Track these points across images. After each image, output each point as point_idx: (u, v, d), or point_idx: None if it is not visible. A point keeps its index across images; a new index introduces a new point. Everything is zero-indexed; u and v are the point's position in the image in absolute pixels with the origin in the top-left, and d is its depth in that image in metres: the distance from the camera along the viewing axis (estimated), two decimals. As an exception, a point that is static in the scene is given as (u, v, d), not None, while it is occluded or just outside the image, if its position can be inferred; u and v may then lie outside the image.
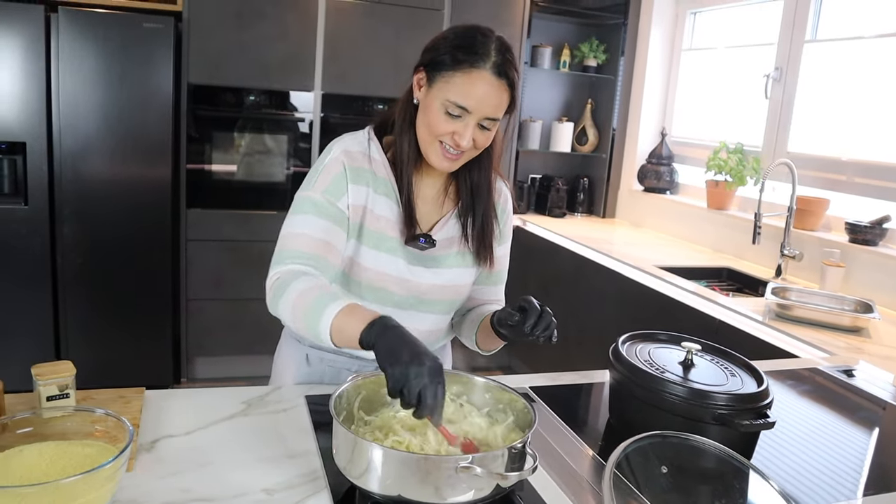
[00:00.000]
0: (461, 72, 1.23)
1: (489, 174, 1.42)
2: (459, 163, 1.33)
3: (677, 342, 1.40)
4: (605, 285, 3.07)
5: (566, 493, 1.09)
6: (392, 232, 1.36)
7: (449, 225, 1.42)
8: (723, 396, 1.19)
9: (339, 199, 1.33)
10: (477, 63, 1.23)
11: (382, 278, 1.36)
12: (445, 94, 1.25)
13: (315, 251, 1.28)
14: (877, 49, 2.82)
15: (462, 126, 1.25)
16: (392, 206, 1.37)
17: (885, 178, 2.71)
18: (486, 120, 1.26)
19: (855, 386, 1.75)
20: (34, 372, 1.18)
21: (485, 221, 1.42)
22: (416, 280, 1.38)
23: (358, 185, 1.34)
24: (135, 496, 0.98)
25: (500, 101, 1.26)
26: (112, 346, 3.30)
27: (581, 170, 4.38)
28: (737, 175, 3.25)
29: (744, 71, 3.47)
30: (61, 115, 3.07)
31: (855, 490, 1.23)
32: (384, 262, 1.36)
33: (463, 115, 1.25)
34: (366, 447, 0.94)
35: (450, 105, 1.24)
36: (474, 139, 1.27)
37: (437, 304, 1.43)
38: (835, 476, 1.26)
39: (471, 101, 1.23)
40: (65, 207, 3.15)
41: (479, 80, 1.23)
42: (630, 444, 1.03)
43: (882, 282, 2.53)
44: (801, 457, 1.32)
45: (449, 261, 1.42)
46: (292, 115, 3.53)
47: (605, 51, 4.14)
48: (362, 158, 1.36)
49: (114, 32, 3.08)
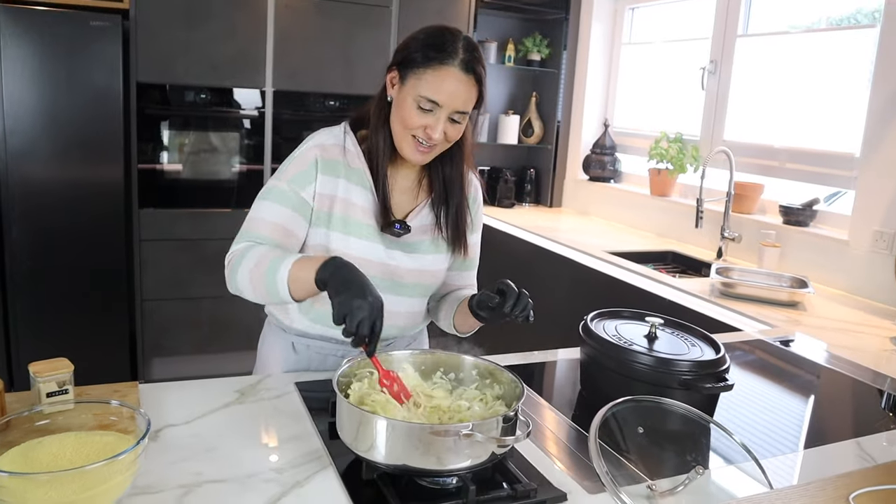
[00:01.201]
0: (431, 69, 1.32)
1: (461, 168, 1.50)
2: (431, 155, 1.41)
3: (640, 318, 1.51)
4: (557, 272, 3.20)
5: (550, 457, 1.19)
6: (367, 219, 1.44)
7: (423, 214, 1.50)
8: (686, 363, 1.31)
9: (303, 189, 1.41)
10: (446, 60, 1.32)
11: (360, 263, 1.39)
12: (417, 90, 1.33)
13: (271, 235, 1.38)
14: (804, 43, 3.03)
15: (433, 120, 1.34)
16: (367, 195, 1.44)
17: (814, 164, 2.91)
18: (455, 113, 1.34)
19: (794, 354, 1.91)
20: (32, 369, 1.21)
21: (458, 212, 1.51)
22: (395, 263, 1.46)
23: (329, 176, 1.42)
24: (150, 481, 1.03)
25: (469, 95, 1.34)
26: (67, 349, 3.20)
27: (528, 161, 4.51)
28: (677, 163, 3.42)
29: (680, 64, 3.65)
30: (6, 116, 3.00)
31: (797, 443, 1.37)
32: (362, 247, 1.43)
33: (434, 109, 1.33)
34: (372, 421, 1.01)
35: (421, 100, 1.33)
36: (445, 132, 1.35)
37: (414, 287, 1.50)
38: (781, 431, 1.40)
39: (441, 95, 1.32)
40: (12, 209, 3.08)
41: (448, 76, 1.31)
42: (609, 408, 1.13)
43: (814, 259, 2.72)
44: (753, 416, 1.45)
45: (424, 247, 1.50)
46: (244, 112, 3.53)
47: (548, 45, 4.27)
48: (337, 151, 1.44)
49: (59, 30, 3.03)
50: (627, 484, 1.09)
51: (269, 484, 1.04)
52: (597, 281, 2.88)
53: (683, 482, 1.08)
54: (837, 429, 1.51)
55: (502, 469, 1.10)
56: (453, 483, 1.06)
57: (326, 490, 1.04)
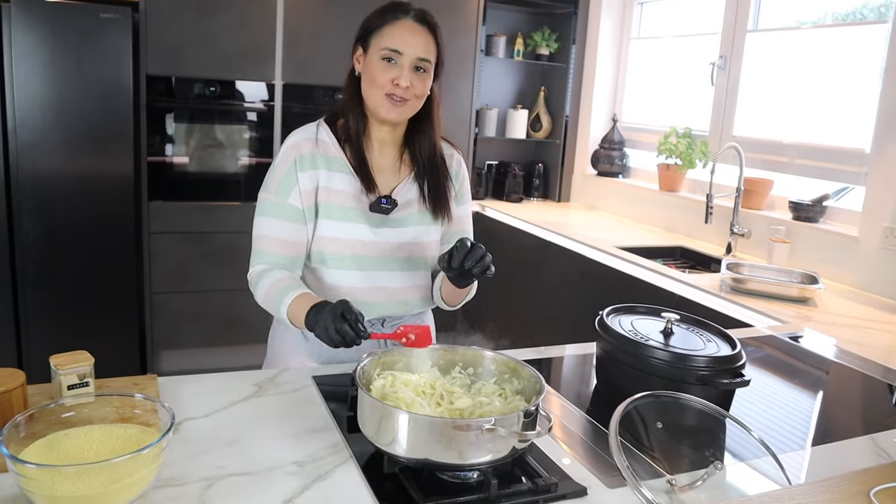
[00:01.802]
0: (387, 24, 1.45)
1: (433, 137, 1.58)
2: (406, 110, 1.48)
3: (656, 313, 1.52)
4: (565, 266, 3.20)
5: (567, 451, 1.19)
6: (353, 202, 1.51)
7: (407, 188, 1.58)
8: (703, 359, 1.31)
9: (289, 195, 1.49)
10: (399, 15, 1.46)
11: (351, 245, 1.52)
12: (379, 46, 1.45)
13: (278, 251, 1.50)
14: (814, 39, 3.02)
15: (398, 70, 1.44)
16: (349, 178, 1.52)
17: (824, 160, 2.90)
18: (419, 61, 1.45)
19: (805, 349, 1.92)
20: (53, 362, 1.21)
21: (437, 180, 1.59)
22: (384, 241, 1.53)
23: (309, 171, 1.50)
24: (174, 474, 1.03)
25: (426, 42, 1.46)
26: (76, 342, 3.19)
27: (536, 156, 4.51)
28: (686, 158, 3.41)
29: (690, 59, 3.64)
30: (16, 108, 3.00)
31: (810, 439, 1.37)
32: (349, 229, 1.51)
33: (397, 58, 1.44)
34: (394, 415, 1.02)
35: (384, 52, 1.44)
36: (413, 83, 1.44)
37: (408, 261, 1.57)
38: (792, 427, 1.40)
39: (400, 43, 1.43)
40: (23, 203, 3.08)
41: (403, 27, 1.45)
42: (629, 403, 1.13)
43: (824, 255, 2.72)
44: (765, 411, 1.46)
45: (411, 220, 1.56)
46: (253, 105, 3.53)
47: (556, 39, 4.27)
48: (310, 145, 1.53)
49: (69, 23, 3.02)
50: (647, 478, 1.09)
51: (292, 477, 1.05)
52: (606, 276, 2.89)
53: (702, 477, 1.08)
54: (849, 425, 1.52)
55: (521, 463, 1.11)
56: (474, 477, 1.06)
57: (348, 483, 1.04)
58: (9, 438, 0.91)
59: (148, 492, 0.96)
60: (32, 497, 0.88)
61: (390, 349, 1.23)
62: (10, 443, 0.91)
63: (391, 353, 1.23)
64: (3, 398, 1.09)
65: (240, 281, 3.71)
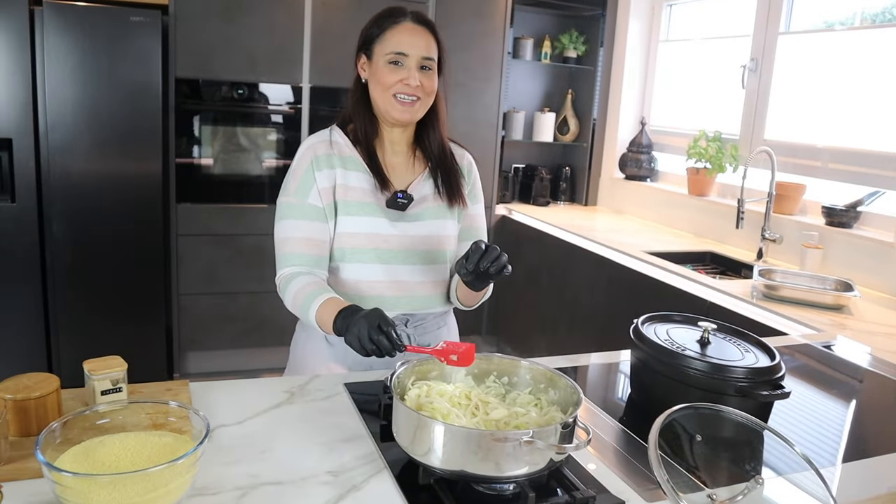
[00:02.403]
0: (388, 30, 1.49)
1: (440, 131, 1.62)
2: (418, 110, 1.52)
3: (692, 322, 1.49)
4: (592, 271, 3.17)
5: (603, 463, 1.17)
6: (369, 198, 1.54)
7: (422, 183, 1.61)
8: (742, 370, 1.28)
9: (308, 195, 1.52)
10: (398, 19, 1.50)
11: (371, 239, 1.53)
12: (383, 51, 1.48)
13: (302, 250, 1.52)
14: (847, 41, 2.96)
15: (406, 71, 1.48)
16: (364, 176, 1.55)
17: (858, 164, 2.84)
18: (424, 60, 1.49)
19: (839, 358, 1.87)
20: (87, 367, 1.22)
21: (448, 173, 1.62)
22: (401, 234, 1.55)
23: (325, 171, 1.53)
24: (207, 483, 1.03)
25: (428, 42, 1.50)
26: (104, 342, 3.29)
27: (563, 159, 4.47)
28: (716, 162, 3.36)
29: (720, 62, 3.59)
30: (48, 111, 3.04)
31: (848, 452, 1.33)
32: (368, 223, 1.53)
33: (402, 60, 1.48)
34: (430, 425, 1.00)
35: (390, 56, 1.48)
36: (421, 82, 1.48)
37: (427, 254, 1.58)
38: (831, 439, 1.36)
39: (403, 45, 1.47)
40: (53, 204, 3.12)
41: (403, 29, 1.49)
42: (668, 415, 1.11)
43: (857, 262, 2.66)
44: (802, 423, 1.42)
45: (427, 214, 1.58)
46: (280, 108, 3.54)
47: (584, 42, 4.23)
48: (325, 146, 1.56)
49: (100, 26, 3.06)
50: (686, 492, 1.06)
51: (326, 487, 1.04)
52: (634, 281, 2.85)
53: (742, 491, 1.05)
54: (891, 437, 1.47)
55: (558, 475, 1.09)
56: (510, 489, 1.05)
57: (383, 494, 1.03)
58: (45, 445, 0.91)
59: (183, 500, 0.95)
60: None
61: (424, 358, 1.22)
62: (46, 449, 0.91)
63: (425, 363, 1.21)
64: (39, 403, 1.09)
65: (266, 283, 3.74)
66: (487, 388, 1.21)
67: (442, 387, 1.16)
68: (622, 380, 1.62)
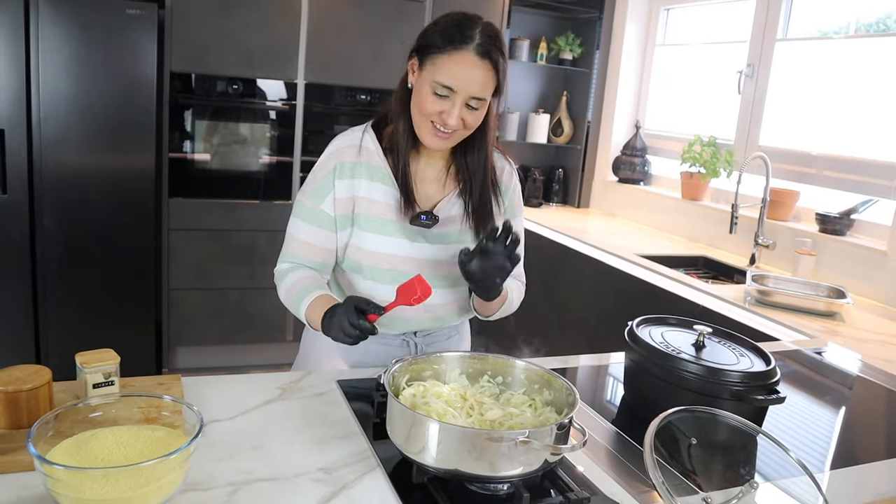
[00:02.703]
0: (447, 53, 1.32)
1: (484, 155, 1.48)
2: (451, 141, 1.40)
3: (687, 326, 1.49)
4: (584, 273, 3.17)
5: (596, 464, 1.17)
6: (392, 215, 1.45)
7: (451, 203, 1.50)
8: (737, 374, 1.28)
9: (322, 202, 1.45)
10: (461, 45, 1.31)
11: (388, 259, 1.45)
12: (433, 75, 1.33)
13: (304, 253, 1.48)
14: (843, 50, 2.97)
15: (449, 105, 1.33)
16: (391, 191, 1.45)
17: (853, 172, 2.86)
18: (472, 99, 1.34)
19: (829, 364, 1.88)
20: (79, 360, 1.20)
21: (482, 200, 1.50)
22: (422, 257, 1.46)
23: (348, 180, 1.45)
24: (199, 478, 1.02)
25: (485, 80, 1.33)
26: (93, 336, 3.26)
27: (556, 161, 4.48)
28: (710, 167, 3.37)
29: (716, 67, 3.60)
30: (41, 102, 3.01)
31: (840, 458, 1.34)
32: (387, 243, 1.45)
33: (449, 94, 1.33)
34: (425, 424, 1.00)
35: (437, 86, 1.33)
36: (463, 119, 1.35)
37: (443, 278, 1.49)
38: (823, 445, 1.37)
39: (455, 81, 1.31)
40: (45, 196, 3.09)
41: (463, 61, 1.31)
42: (663, 418, 1.10)
43: (850, 269, 2.68)
44: (796, 429, 1.42)
45: (451, 237, 1.49)
46: (275, 104, 3.53)
47: (580, 44, 4.24)
48: (353, 153, 1.46)
49: (95, 18, 3.03)
50: (681, 495, 1.06)
51: (319, 484, 1.03)
52: (626, 284, 2.85)
53: (737, 496, 1.05)
54: (881, 444, 1.48)
55: (552, 476, 1.09)
56: (504, 490, 1.04)
57: (376, 492, 1.03)
58: (37, 437, 0.90)
59: (175, 496, 0.94)
60: (59, 498, 0.86)
61: (418, 357, 1.21)
62: (38, 442, 0.90)
63: (419, 361, 1.21)
64: (30, 395, 1.08)
65: (256, 279, 3.71)
66: (482, 389, 1.21)
67: (438, 389, 1.16)
68: (613, 382, 1.62)
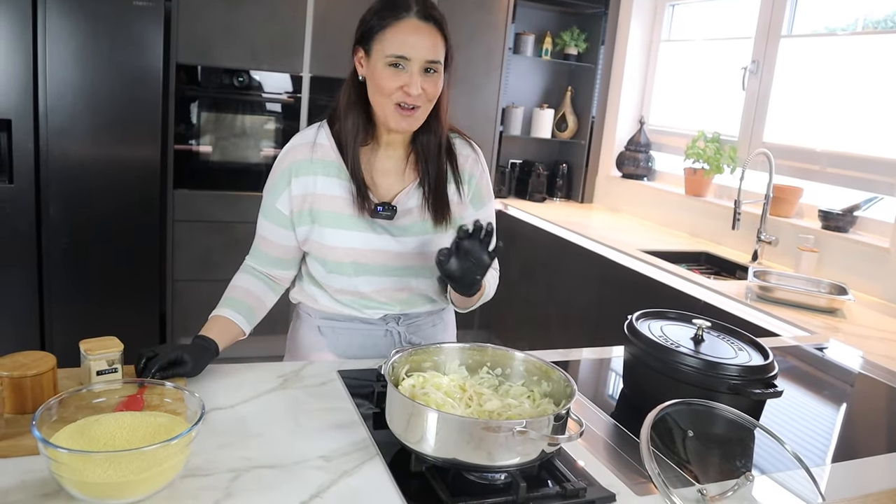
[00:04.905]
0: (389, 27, 1.34)
1: (439, 136, 1.48)
2: (417, 119, 1.40)
3: (686, 320, 1.49)
4: (587, 268, 3.18)
5: (594, 456, 1.18)
6: (349, 209, 1.45)
7: (411, 194, 1.49)
8: (735, 368, 1.29)
9: (277, 200, 1.48)
10: (400, 14, 1.34)
11: (348, 252, 1.46)
12: (383, 51, 1.34)
13: (265, 249, 1.54)
14: (849, 46, 2.97)
15: (407, 76, 1.34)
16: (345, 184, 1.45)
17: (857, 169, 2.86)
18: (427, 64, 1.34)
19: (831, 360, 1.88)
20: (83, 347, 1.22)
21: (437, 184, 1.49)
22: (382, 249, 1.46)
23: (304, 177, 1.46)
24: (200, 464, 1.03)
25: (434, 42, 1.35)
26: (97, 326, 3.26)
27: (560, 156, 4.48)
28: (714, 163, 3.37)
29: (721, 63, 3.60)
30: (48, 93, 3.02)
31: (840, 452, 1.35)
32: (345, 237, 1.45)
33: (404, 64, 1.33)
34: (424, 413, 1.01)
35: (390, 59, 1.33)
36: (424, 89, 1.35)
37: (409, 269, 1.50)
38: (821, 439, 1.37)
39: (406, 48, 1.33)
40: (51, 186, 3.11)
41: (407, 28, 1.33)
42: (660, 410, 1.12)
43: (853, 266, 2.68)
44: (793, 423, 1.43)
45: (414, 228, 1.48)
46: (280, 96, 3.54)
47: (585, 39, 4.24)
48: (306, 151, 1.47)
49: (102, 10, 3.04)
50: (676, 487, 1.07)
51: (318, 472, 1.04)
52: (628, 279, 2.86)
53: (733, 488, 1.06)
54: (881, 439, 1.49)
55: (549, 467, 1.10)
56: (501, 479, 1.05)
57: (375, 480, 1.04)
58: (41, 421, 0.91)
59: (176, 481, 0.96)
60: (62, 482, 0.88)
61: (418, 348, 1.22)
62: (42, 426, 0.91)
63: (419, 352, 1.22)
64: (35, 381, 1.10)
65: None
66: (481, 380, 1.22)
67: (437, 380, 1.17)
68: (613, 376, 1.63)
